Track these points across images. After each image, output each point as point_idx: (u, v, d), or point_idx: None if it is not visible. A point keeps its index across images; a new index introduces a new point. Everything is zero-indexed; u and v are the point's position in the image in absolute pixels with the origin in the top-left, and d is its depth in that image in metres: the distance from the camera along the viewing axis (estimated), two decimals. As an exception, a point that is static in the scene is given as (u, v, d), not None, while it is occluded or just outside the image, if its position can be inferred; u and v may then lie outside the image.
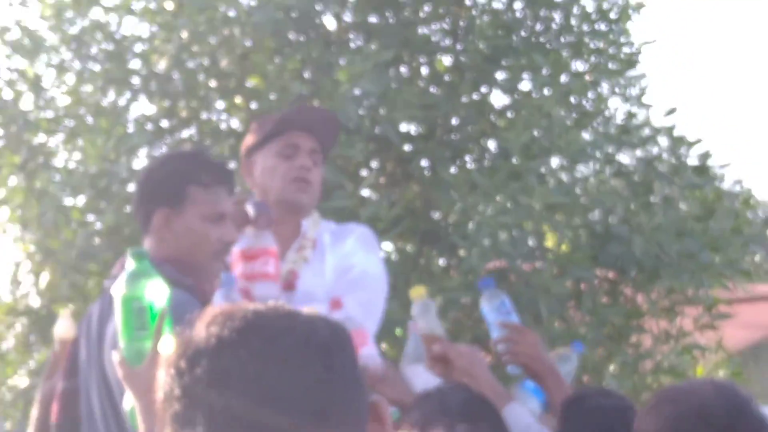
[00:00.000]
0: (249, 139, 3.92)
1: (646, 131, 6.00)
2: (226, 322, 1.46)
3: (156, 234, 3.41)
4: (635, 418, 2.61)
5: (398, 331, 4.02)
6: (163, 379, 1.47)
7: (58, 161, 6.38)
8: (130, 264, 2.44)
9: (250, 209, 3.53)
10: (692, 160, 5.95)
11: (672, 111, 5.97)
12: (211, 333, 1.45)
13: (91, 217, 6.19)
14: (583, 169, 5.86)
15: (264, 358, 1.43)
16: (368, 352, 3.27)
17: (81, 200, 6.22)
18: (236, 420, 1.42)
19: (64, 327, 3.85)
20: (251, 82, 5.94)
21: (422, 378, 3.30)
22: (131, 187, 5.84)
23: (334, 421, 1.45)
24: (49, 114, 6.43)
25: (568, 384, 3.52)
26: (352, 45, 6.07)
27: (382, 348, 3.77)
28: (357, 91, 5.44)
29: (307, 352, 1.45)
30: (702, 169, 5.88)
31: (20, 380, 6.70)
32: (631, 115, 6.04)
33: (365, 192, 5.75)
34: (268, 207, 3.69)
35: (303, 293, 3.62)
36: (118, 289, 2.42)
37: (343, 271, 3.71)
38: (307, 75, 5.89)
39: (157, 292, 2.39)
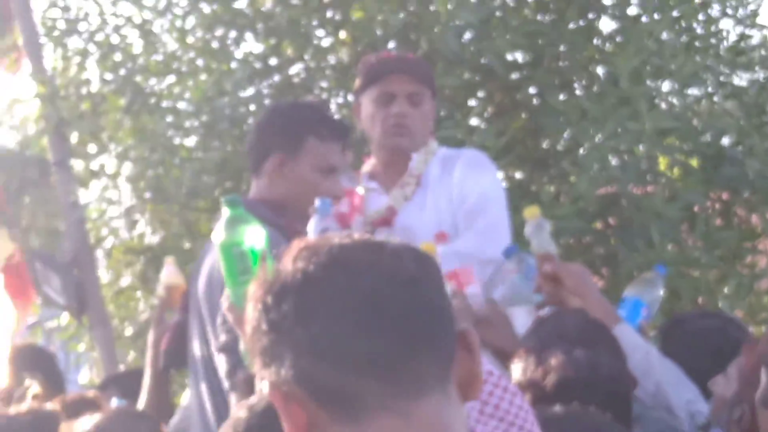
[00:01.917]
0: (356, 81, 4.01)
1: (762, 52, 5.88)
2: (311, 257, 1.47)
3: (267, 176, 3.53)
4: (761, 342, 2.59)
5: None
6: (251, 313, 1.50)
7: (169, 103, 6.48)
8: (225, 212, 2.48)
9: None
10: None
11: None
12: (297, 268, 1.46)
13: (199, 155, 6.28)
14: (694, 93, 5.78)
15: (349, 294, 1.44)
16: (472, 292, 3.29)
17: (192, 141, 6.32)
18: (322, 356, 1.43)
19: (169, 274, 3.95)
20: (354, 16, 5.96)
21: (519, 322, 3.32)
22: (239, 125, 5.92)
23: (421, 353, 1.45)
24: (159, 57, 6.53)
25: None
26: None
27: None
28: (458, 21, 5.44)
29: (393, 285, 1.45)
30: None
31: (141, 315, 6.86)
32: (744, 37, 5.92)
33: (474, 122, 5.74)
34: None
35: (401, 229, 3.71)
36: (217, 237, 2.48)
37: (460, 203, 3.76)
38: (408, 8, 5.88)
39: (255, 235, 2.44)
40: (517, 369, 2.88)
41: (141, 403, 3.96)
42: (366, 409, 1.43)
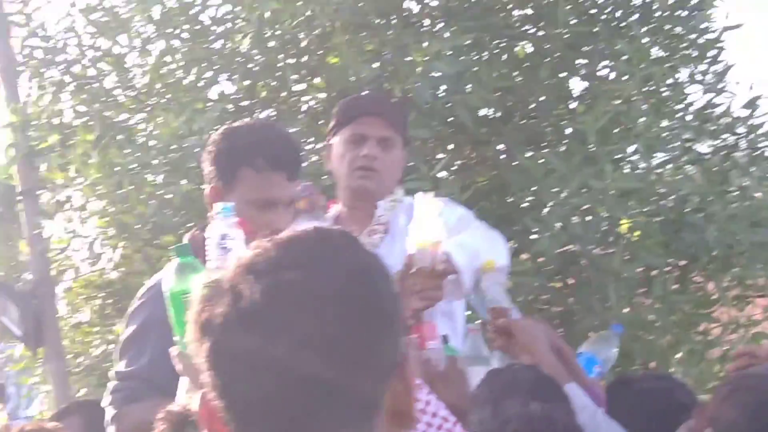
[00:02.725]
0: (331, 122, 3.99)
1: (727, 120, 5.94)
2: (232, 304, 1.42)
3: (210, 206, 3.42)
4: (710, 405, 2.62)
5: (468, 315, 4.05)
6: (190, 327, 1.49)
7: (140, 139, 6.47)
8: (175, 260, 2.47)
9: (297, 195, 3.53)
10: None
11: (753, 101, 5.90)
12: (217, 313, 1.43)
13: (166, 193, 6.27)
14: (660, 156, 5.84)
15: (260, 360, 1.40)
16: (433, 347, 3.30)
17: (160, 178, 6.30)
18: (232, 411, 1.42)
19: None
20: (329, 63, 6.00)
21: (476, 381, 3.33)
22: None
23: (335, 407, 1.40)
24: (131, 93, 6.54)
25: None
26: (431, 28, 6.10)
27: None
28: (432, 73, 5.48)
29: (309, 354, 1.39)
30: (780, 160, 5.85)
31: (97, 351, 6.81)
32: (710, 105, 5.98)
33: (441, 174, 5.78)
34: (312, 190, 3.73)
35: None
36: (166, 285, 2.46)
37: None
38: (384, 57, 5.93)
39: None
40: (473, 420, 2.89)
41: None
42: None
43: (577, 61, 6.08)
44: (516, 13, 6.23)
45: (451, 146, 6.10)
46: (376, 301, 1.46)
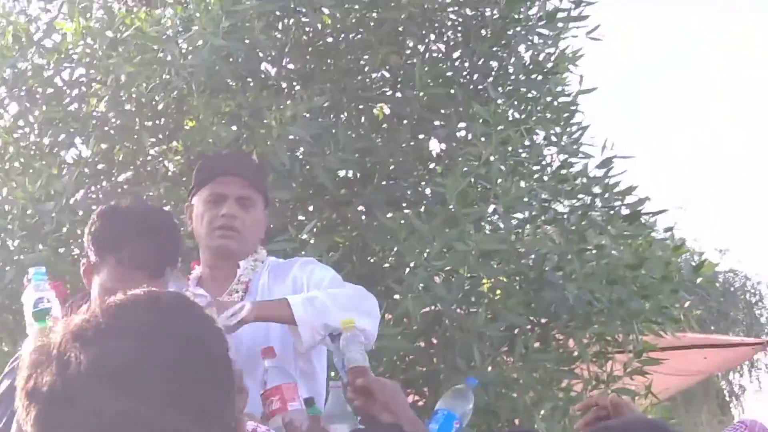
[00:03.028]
0: (190, 185, 3.95)
1: (583, 180, 6.05)
2: (62, 369, 1.39)
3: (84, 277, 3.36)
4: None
5: (332, 374, 4.02)
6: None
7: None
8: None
9: None
10: (626, 209, 6.01)
11: (607, 162, 6.01)
12: (45, 380, 1.39)
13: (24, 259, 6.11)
14: (519, 216, 5.90)
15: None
16: (294, 408, 3.27)
17: (17, 244, 6.15)
18: None
19: None
20: (186, 126, 5.95)
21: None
22: (64, 229, 5.80)
23: None
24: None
25: None
26: (289, 91, 6.10)
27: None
28: (290, 136, 5.46)
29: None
30: (633, 218, 5.95)
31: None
32: (566, 165, 6.08)
33: (303, 236, 5.76)
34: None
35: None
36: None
37: (314, 287, 3.68)
38: (242, 120, 5.90)
39: None
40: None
41: None
42: None
43: (435, 123, 6.12)
44: (373, 75, 6.27)
45: (311, 208, 6.08)
46: (207, 369, 1.43)
